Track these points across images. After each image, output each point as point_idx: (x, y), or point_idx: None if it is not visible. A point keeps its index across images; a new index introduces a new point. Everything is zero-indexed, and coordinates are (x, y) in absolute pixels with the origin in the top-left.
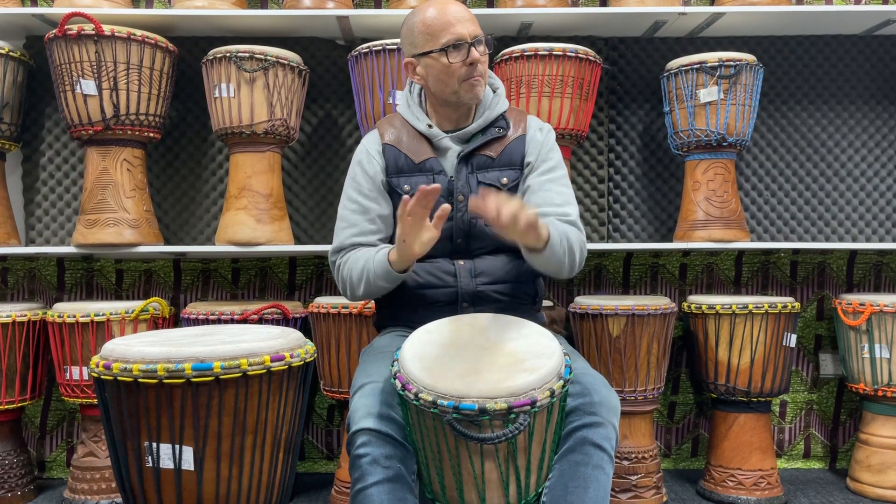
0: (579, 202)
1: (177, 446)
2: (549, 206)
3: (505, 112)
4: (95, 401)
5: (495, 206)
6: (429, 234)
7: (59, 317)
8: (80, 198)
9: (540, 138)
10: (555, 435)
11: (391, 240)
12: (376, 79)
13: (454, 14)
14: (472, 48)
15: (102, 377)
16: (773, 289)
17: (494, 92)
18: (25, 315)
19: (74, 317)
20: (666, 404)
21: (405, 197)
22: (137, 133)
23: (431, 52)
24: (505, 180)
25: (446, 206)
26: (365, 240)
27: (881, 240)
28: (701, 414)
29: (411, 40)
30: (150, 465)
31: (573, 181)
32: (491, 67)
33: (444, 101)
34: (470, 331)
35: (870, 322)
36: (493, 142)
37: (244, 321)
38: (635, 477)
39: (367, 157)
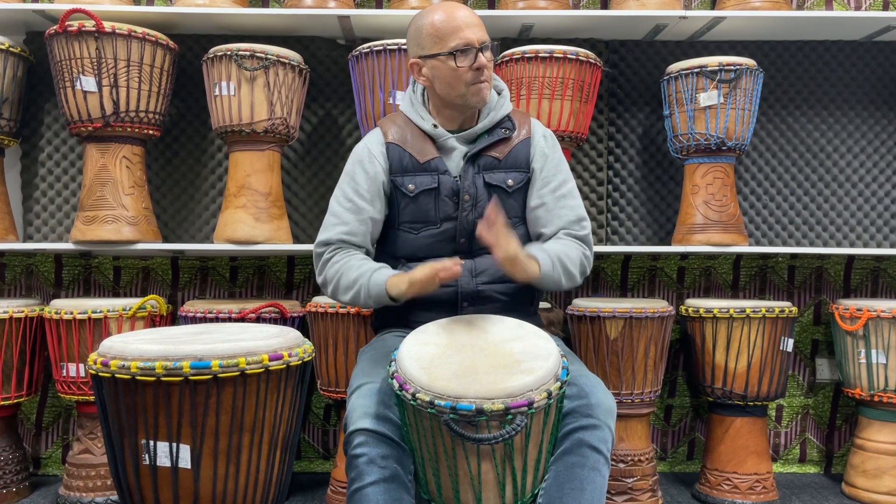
0: None
1: (174, 444)
2: (563, 224)
3: (509, 113)
4: (92, 398)
5: (495, 239)
6: (432, 287)
7: (56, 313)
8: (79, 194)
9: (546, 148)
10: (551, 436)
11: (387, 246)
12: (377, 79)
13: (463, 18)
14: (480, 53)
15: (100, 374)
16: (770, 293)
17: (499, 94)
18: (22, 311)
19: (72, 313)
20: (662, 407)
21: (440, 274)
22: (137, 130)
23: (439, 55)
24: (511, 182)
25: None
26: (354, 239)
27: (879, 245)
28: (697, 417)
29: (418, 42)
30: (147, 462)
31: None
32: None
33: (448, 104)
34: (468, 331)
35: (867, 327)
36: (499, 143)
37: (242, 320)
38: (631, 480)
39: (369, 156)
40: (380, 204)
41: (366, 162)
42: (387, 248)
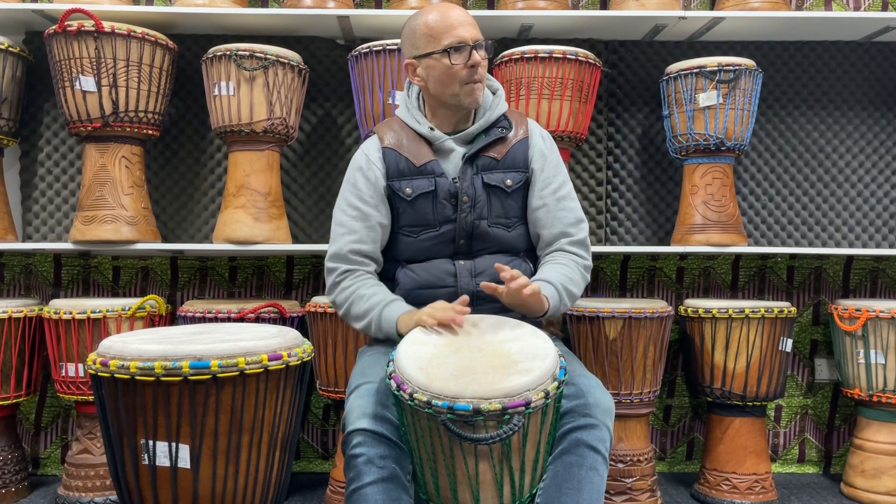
0: None
1: (173, 444)
2: (563, 227)
3: (505, 113)
4: (91, 397)
5: (505, 282)
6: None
7: (55, 313)
8: (78, 194)
9: (545, 149)
10: (549, 436)
11: (386, 250)
12: (376, 79)
13: (457, 17)
14: (474, 51)
15: (99, 374)
16: (769, 293)
17: (494, 94)
18: (21, 311)
19: (71, 313)
20: (661, 407)
21: (450, 316)
22: (136, 130)
23: (433, 53)
24: (509, 182)
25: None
26: (365, 248)
27: (878, 246)
28: (696, 417)
29: (413, 42)
30: (147, 462)
31: (572, 184)
32: (490, 71)
33: (443, 104)
34: (466, 332)
35: (865, 328)
36: (497, 143)
37: (241, 320)
38: (630, 480)
39: (368, 162)
40: (384, 209)
41: (365, 168)
42: (388, 251)
